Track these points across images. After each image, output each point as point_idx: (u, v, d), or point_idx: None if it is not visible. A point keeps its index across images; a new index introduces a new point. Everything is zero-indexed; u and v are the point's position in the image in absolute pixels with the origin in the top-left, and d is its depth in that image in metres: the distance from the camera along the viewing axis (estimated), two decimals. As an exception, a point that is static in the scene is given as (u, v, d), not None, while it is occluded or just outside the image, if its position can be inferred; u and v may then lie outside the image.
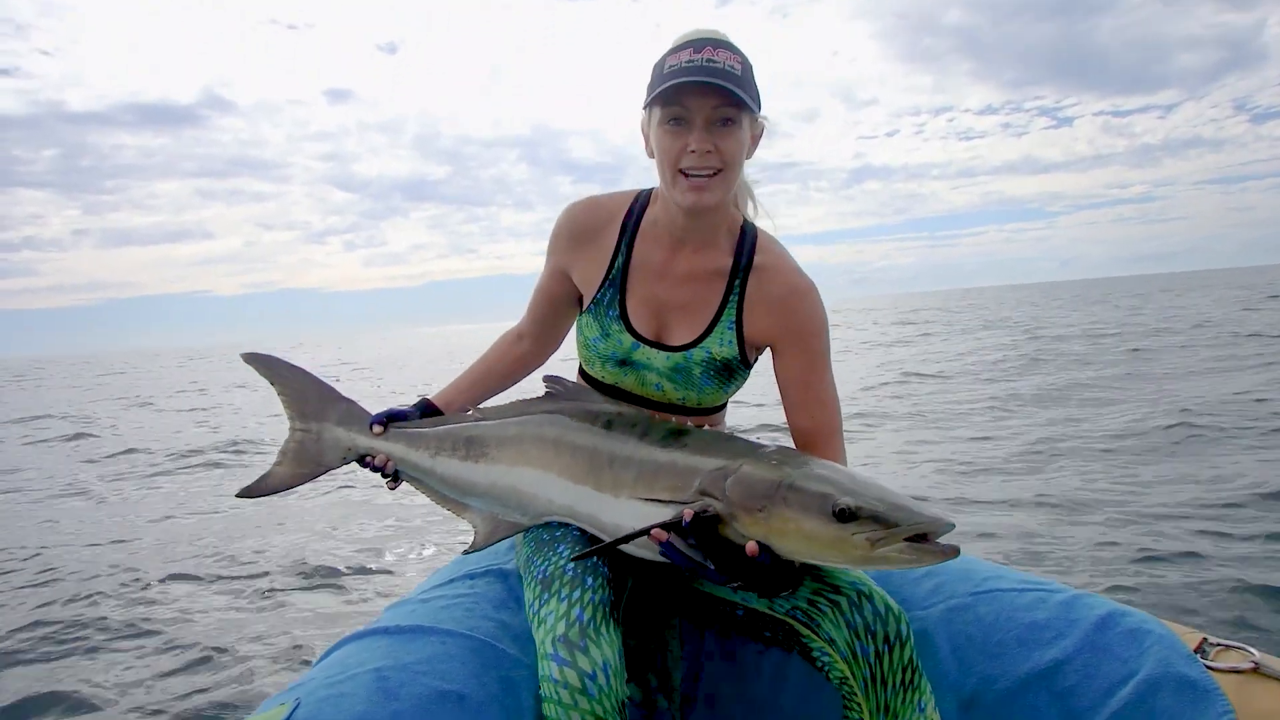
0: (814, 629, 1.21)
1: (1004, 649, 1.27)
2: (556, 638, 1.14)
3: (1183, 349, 12.53)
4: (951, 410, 8.38)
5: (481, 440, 1.46)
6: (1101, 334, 17.22)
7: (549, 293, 1.53)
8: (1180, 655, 1.19)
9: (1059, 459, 5.59)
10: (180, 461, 8.72)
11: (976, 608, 1.33)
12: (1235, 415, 6.49)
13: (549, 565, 1.27)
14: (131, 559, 4.93)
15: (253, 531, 5.37)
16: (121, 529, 5.80)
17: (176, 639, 3.60)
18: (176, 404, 16.76)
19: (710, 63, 1.21)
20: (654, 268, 1.41)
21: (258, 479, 1.60)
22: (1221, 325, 16.87)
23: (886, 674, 1.17)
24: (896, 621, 1.19)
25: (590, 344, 1.45)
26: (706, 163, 1.25)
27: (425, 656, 1.19)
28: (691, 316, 1.39)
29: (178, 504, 6.57)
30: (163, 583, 4.45)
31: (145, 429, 12.08)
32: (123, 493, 7.28)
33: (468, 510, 1.48)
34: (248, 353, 1.65)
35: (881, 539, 1.03)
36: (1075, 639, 1.24)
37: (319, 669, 1.21)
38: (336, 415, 1.59)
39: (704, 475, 1.19)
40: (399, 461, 1.53)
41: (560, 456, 1.36)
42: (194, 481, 7.67)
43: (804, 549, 1.10)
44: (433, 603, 1.35)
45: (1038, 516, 4.24)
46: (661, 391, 1.43)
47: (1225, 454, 5.31)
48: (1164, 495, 4.46)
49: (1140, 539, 3.72)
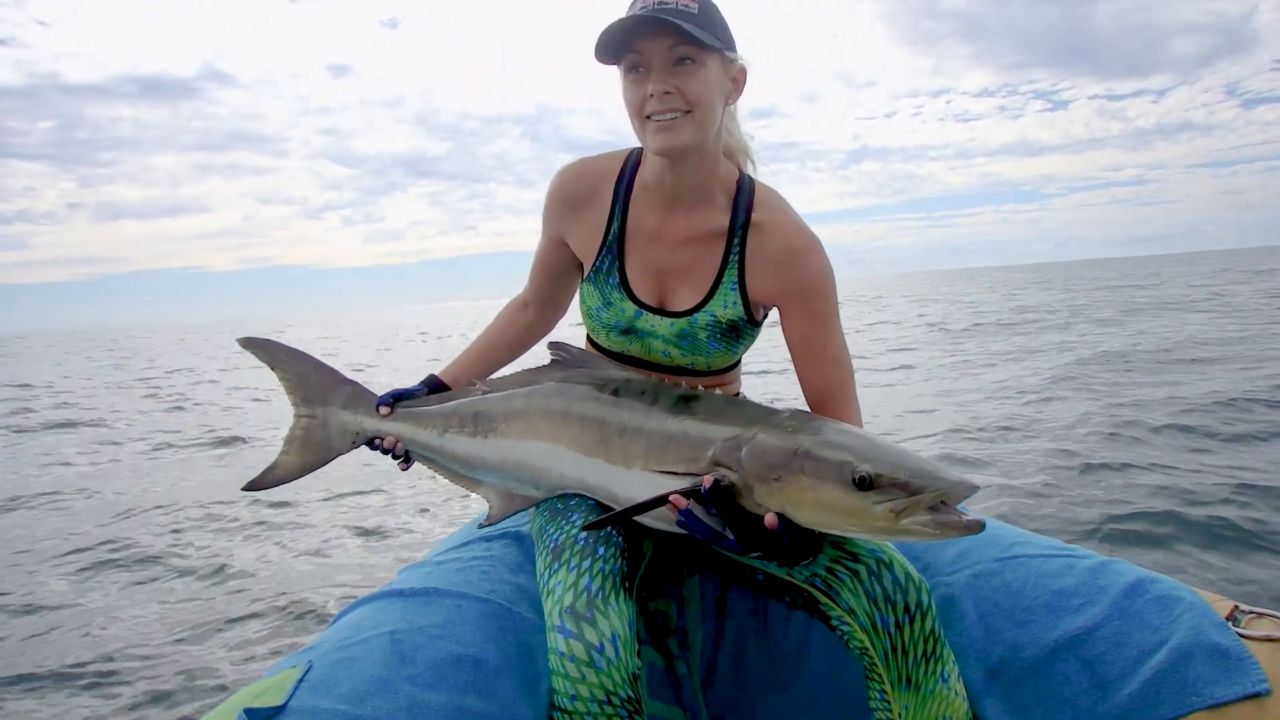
0: (833, 597, 1.18)
1: (1032, 616, 1.25)
2: (564, 609, 1.11)
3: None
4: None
5: (489, 415, 1.43)
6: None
7: (548, 261, 1.48)
8: (1212, 623, 1.16)
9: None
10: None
11: (1003, 574, 1.31)
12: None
13: (560, 534, 1.24)
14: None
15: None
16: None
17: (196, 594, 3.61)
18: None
19: (661, 5, 1.17)
20: (650, 231, 1.36)
21: (264, 470, 1.55)
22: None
23: (907, 644, 1.14)
24: (917, 591, 1.16)
25: (593, 313, 1.41)
26: (669, 104, 1.19)
27: (440, 620, 1.16)
28: (693, 280, 1.34)
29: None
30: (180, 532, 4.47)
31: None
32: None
33: (481, 486, 1.45)
34: (245, 337, 1.59)
35: (904, 508, 0.99)
36: (1104, 606, 1.21)
37: (332, 631, 1.18)
38: (341, 399, 1.55)
39: (717, 445, 1.15)
40: (408, 442, 1.49)
41: (569, 428, 1.33)
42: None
43: (823, 519, 1.07)
44: (448, 565, 1.32)
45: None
46: (669, 357, 1.39)
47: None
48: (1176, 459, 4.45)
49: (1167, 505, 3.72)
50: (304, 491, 5.18)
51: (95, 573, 4.20)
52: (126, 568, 4.25)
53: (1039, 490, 4.09)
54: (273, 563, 4.10)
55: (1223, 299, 17.85)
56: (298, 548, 4.30)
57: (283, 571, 3.95)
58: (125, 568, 4.25)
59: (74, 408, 11.81)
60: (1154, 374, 7.71)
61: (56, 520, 5.26)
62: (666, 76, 1.19)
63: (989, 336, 13.32)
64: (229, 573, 3.97)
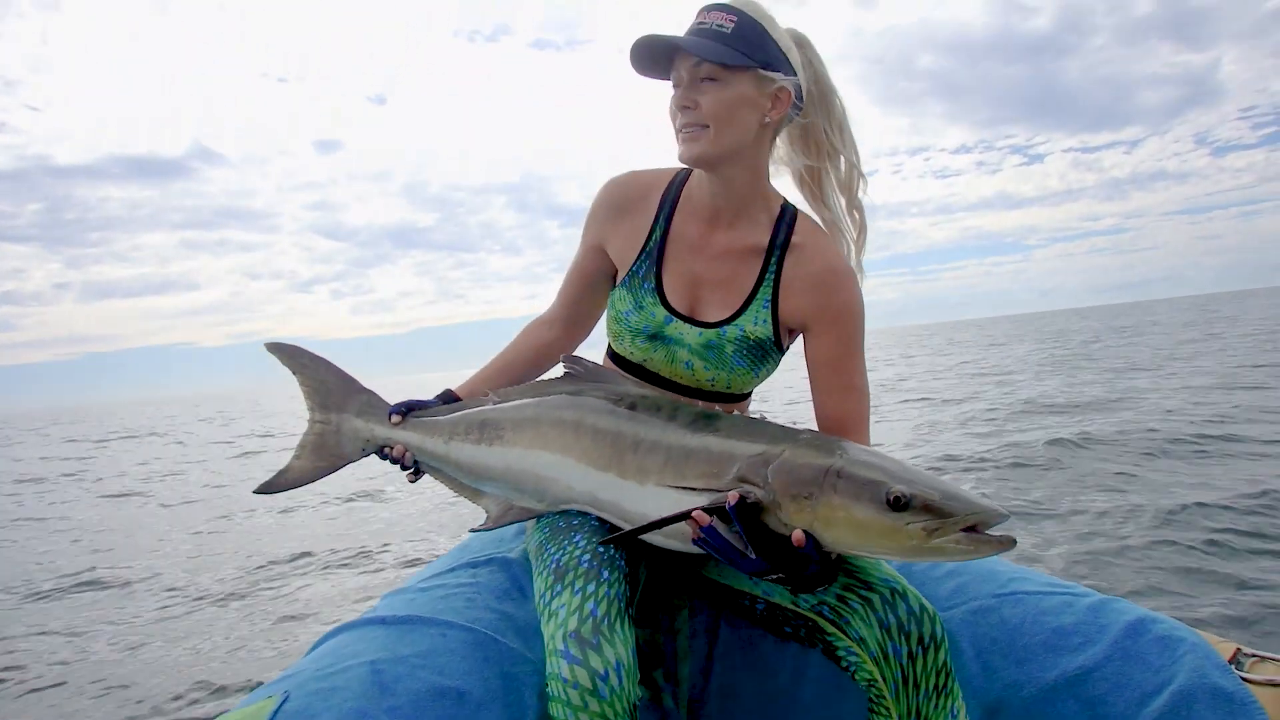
0: (842, 627, 1.15)
1: (1030, 654, 1.22)
2: (568, 633, 1.07)
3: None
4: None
5: (497, 423, 1.40)
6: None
7: (583, 271, 1.48)
8: (1215, 665, 1.14)
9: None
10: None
11: (1001, 610, 1.28)
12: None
13: (564, 555, 1.20)
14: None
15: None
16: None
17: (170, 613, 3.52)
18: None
19: (700, 26, 1.24)
20: (691, 241, 1.37)
21: (276, 474, 1.52)
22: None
23: (920, 677, 1.11)
24: (931, 622, 1.13)
25: (622, 316, 1.40)
26: (688, 118, 1.26)
27: (423, 649, 1.12)
28: (727, 293, 1.35)
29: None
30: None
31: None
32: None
33: (483, 496, 1.42)
34: (271, 342, 1.60)
35: (937, 529, 0.97)
36: (1104, 645, 1.19)
37: (309, 659, 1.13)
38: (356, 406, 1.54)
39: (743, 461, 1.12)
40: (416, 450, 1.47)
41: (580, 440, 1.29)
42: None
43: (854, 539, 1.04)
44: (432, 592, 1.28)
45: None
46: (691, 370, 1.37)
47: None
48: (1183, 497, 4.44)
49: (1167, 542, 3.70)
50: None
51: (62, 597, 4.10)
52: (101, 588, 4.17)
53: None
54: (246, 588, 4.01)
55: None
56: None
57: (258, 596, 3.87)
58: (100, 588, 4.17)
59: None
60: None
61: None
62: (689, 91, 1.25)
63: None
64: (203, 598, 3.89)
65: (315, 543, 5.37)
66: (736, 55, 1.22)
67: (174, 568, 5.02)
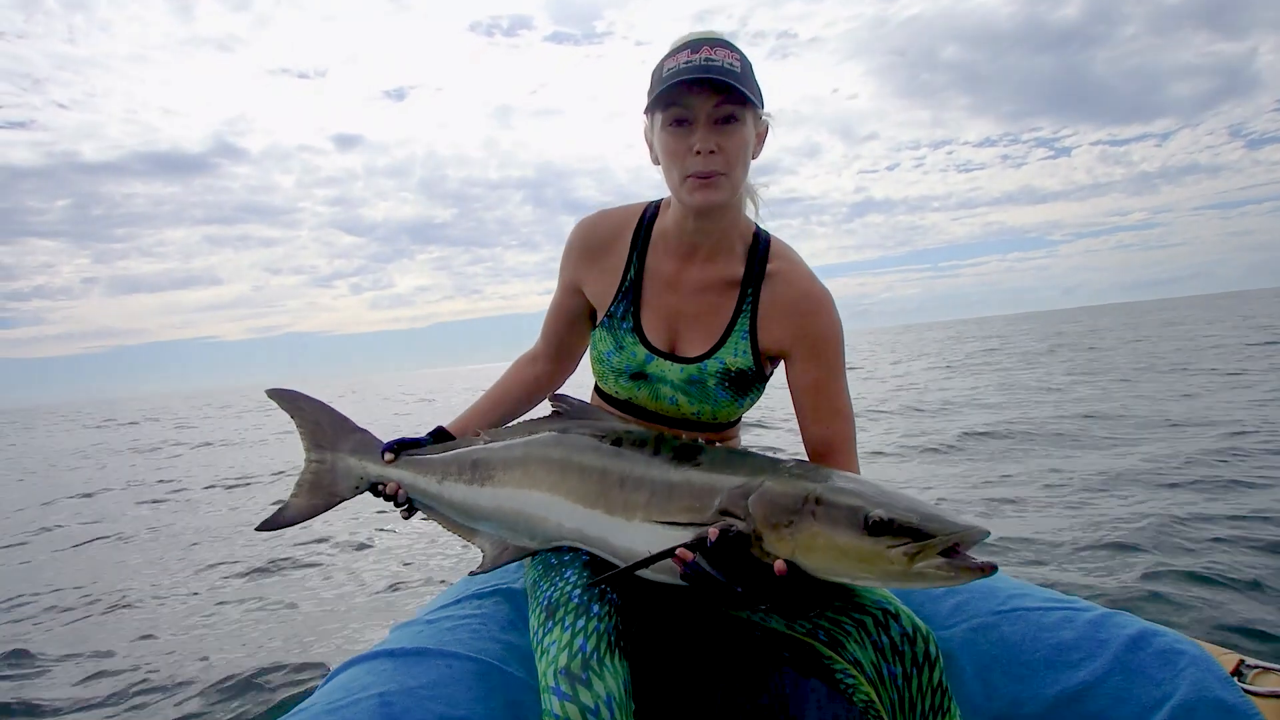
0: (837, 650, 1.16)
1: (1031, 670, 1.22)
2: (559, 670, 1.09)
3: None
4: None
5: (488, 463, 1.43)
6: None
7: (563, 310, 1.50)
8: (1217, 678, 1.13)
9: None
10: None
11: (1001, 627, 1.28)
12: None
13: (555, 591, 1.22)
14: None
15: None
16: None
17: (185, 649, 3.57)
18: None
19: (709, 61, 1.20)
20: (666, 278, 1.38)
21: (275, 511, 1.57)
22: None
23: (915, 697, 1.12)
24: (925, 641, 1.14)
25: (604, 358, 1.42)
26: (711, 164, 1.22)
27: (430, 680, 1.15)
28: (705, 327, 1.36)
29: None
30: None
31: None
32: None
33: (477, 535, 1.44)
34: (271, 389, 1.66)
35: (918, 553, 0.98)
36: (1105, 660, 1.18)
37: (322, 693, 1.17)
38: (350, 445, 1.58)
39: (724, 494, 1.14)
40: (408, 488, 1.50)
41: (568, 478, 1.32)
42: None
43: (835, 565, 1.05)
44: (439, 624, 1.31)
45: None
46: (676, 405, 1.39)
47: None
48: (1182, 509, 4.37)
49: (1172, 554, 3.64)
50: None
51: (87, 615, 4.20)
52: (137, 607, 4.25)
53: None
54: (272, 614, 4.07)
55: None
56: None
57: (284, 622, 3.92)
58: (135, 607, 4.25)
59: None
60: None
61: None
62: (710, 134, 1.22)
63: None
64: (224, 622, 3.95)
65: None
66: (753, 96, 1.22)
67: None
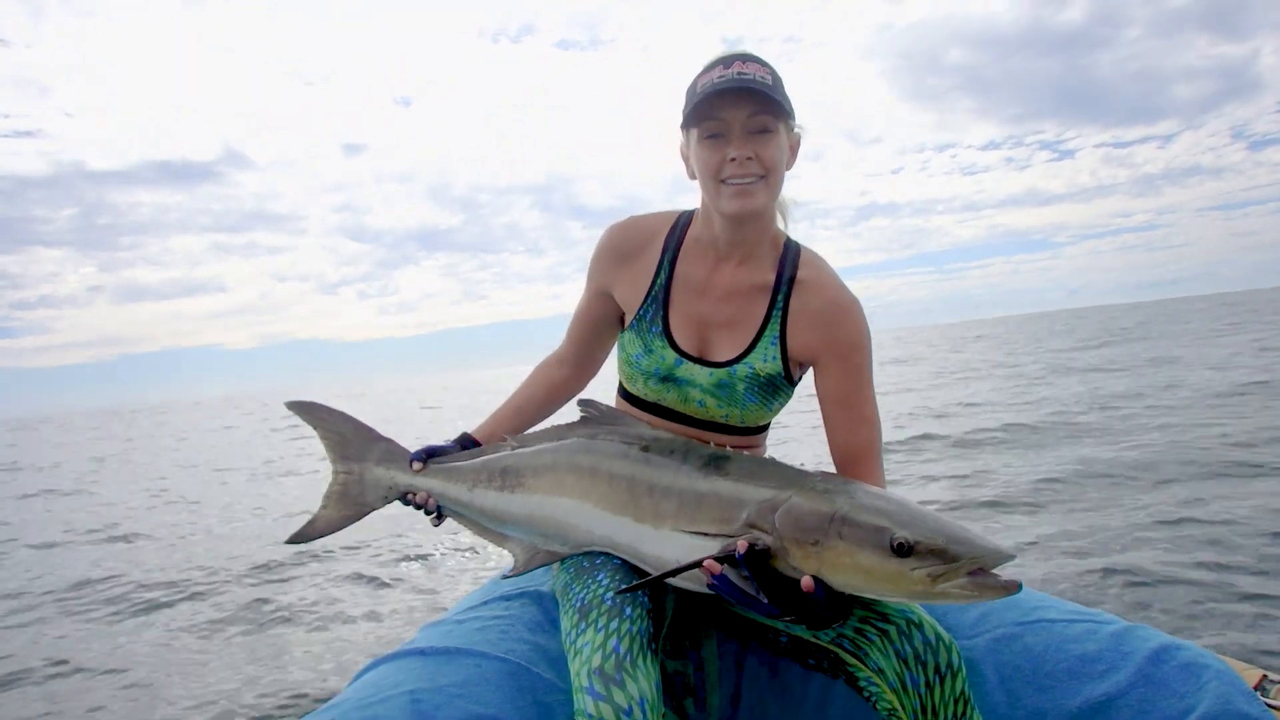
0: (861, 658, 1.18)
1: (1054, 681, 1.23)
2: (592, 670, 1.11)
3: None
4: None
5: (517, 470, 1.44)
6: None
7: (590, 315, 1.52)
8: (1240, 692, 1.14)
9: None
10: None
11: (1024, 638, 1.29)
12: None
13: (587, 593, 1.23)
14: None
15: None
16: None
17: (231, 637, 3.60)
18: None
19: (741, 75, 1.23)
20: (697, 284, 1.40)
21: (305, 524, 1.58)
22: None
23: (938, 706, 1.13)
24: (948, 651, 1.15)
25: (633, 360, 1.43)
26: (747, 170, 1.26)
27: (460, 680, 1.16)
28: (734, 332, 1.38)
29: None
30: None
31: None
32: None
33: (508, 541, 1.46)
34: (291, 401, 1.66)
35: (941, 574, 1.00)
36: (1128, 673, 1.19)
37: (353, 690, 1.18)
38: (376, 455, 1.58)
39: (751, 507, 1.15)
40: (439, 497, 1.51)
41: (597, 485, 1.34)
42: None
43: (860, 583, 1.07)
44: (468, 624, 1.32)
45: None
46: (704, 408, 1.40)
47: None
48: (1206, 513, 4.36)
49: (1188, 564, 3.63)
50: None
51: (135, 612, 4.25)
52: (169, 607, 4.29)
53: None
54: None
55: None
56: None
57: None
58: (168, 607, 4.29)
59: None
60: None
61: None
62: (745, 143, 1.25)
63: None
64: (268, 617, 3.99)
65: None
66: (787, 105, 1.26)
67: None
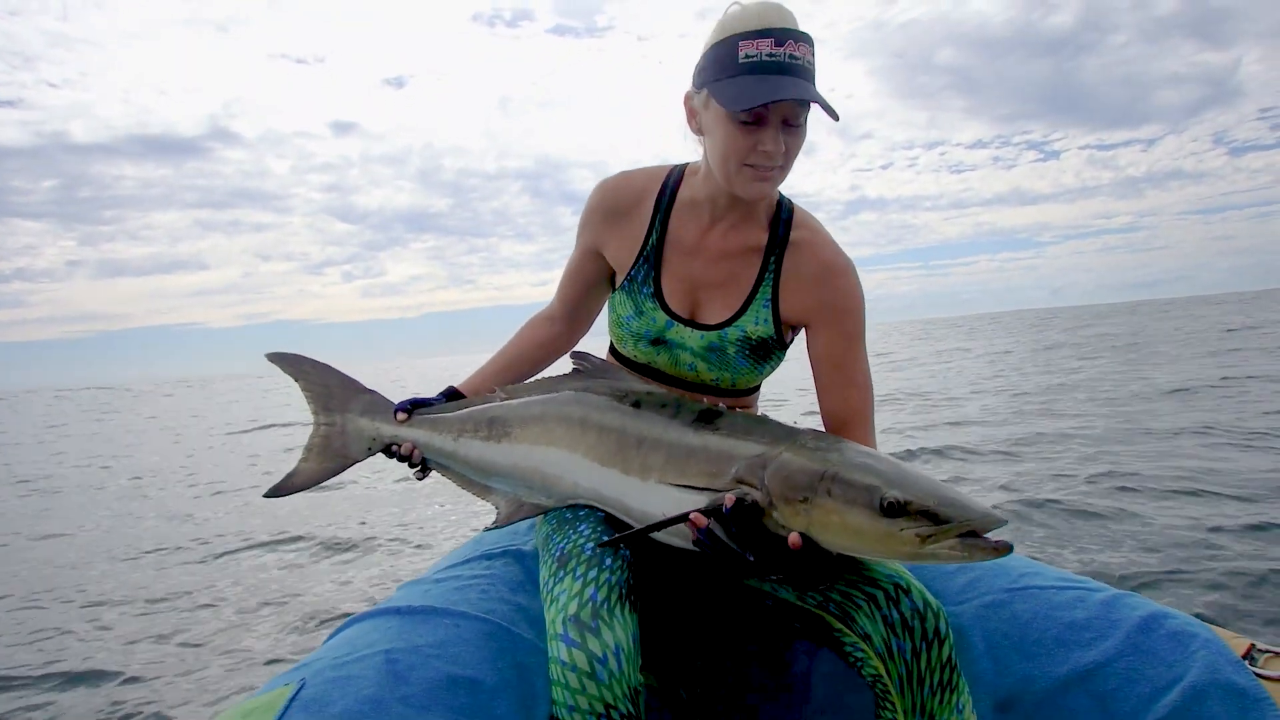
0: (847, 623, 1.16)
1: (1042, 648, 1.22)
2: (567, 617, 1.09)
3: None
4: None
5: (505, 420, 1.41)
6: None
7: (580, 273, 1.48)
8: (1228, 661, 1.13)
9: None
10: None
11: (1013, 605, 1.27)
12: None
13: (567, 543, 1.21)
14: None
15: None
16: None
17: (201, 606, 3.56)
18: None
19: (792, 59, 1.14)
20: (689, 244, 1.36)
21: (284, 477, 1.55)
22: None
23: (924, 672, 1.11)
24: (935, 617, 1.13)
25: (623, 322, 1.40)
26: (775, 161, 1.21)
27: (437, 639, 1.14)
28: (726, 294, 1.34)
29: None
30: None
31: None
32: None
33: (492, 493, 1.43)
34: (272, 353, 1.62)
35: (931, 535, 0.97)
36: (1117, 640, 1.18)
37: (326, 648, 1.15)
38: (360, 406, 1.56)
39: (741, 462, 1.13)
40: (423, 447, 1.48)
41: (586, 437, 1.31)
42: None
43: (848, 543, 1.04)
44: (447, 583, 1.29)
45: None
46: (695, 371, 1.37)
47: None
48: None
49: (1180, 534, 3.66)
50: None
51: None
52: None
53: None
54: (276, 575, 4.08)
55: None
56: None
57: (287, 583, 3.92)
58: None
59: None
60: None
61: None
62: (781, 135, 1.19)
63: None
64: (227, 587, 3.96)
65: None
66: (828, 106, 1.15)
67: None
